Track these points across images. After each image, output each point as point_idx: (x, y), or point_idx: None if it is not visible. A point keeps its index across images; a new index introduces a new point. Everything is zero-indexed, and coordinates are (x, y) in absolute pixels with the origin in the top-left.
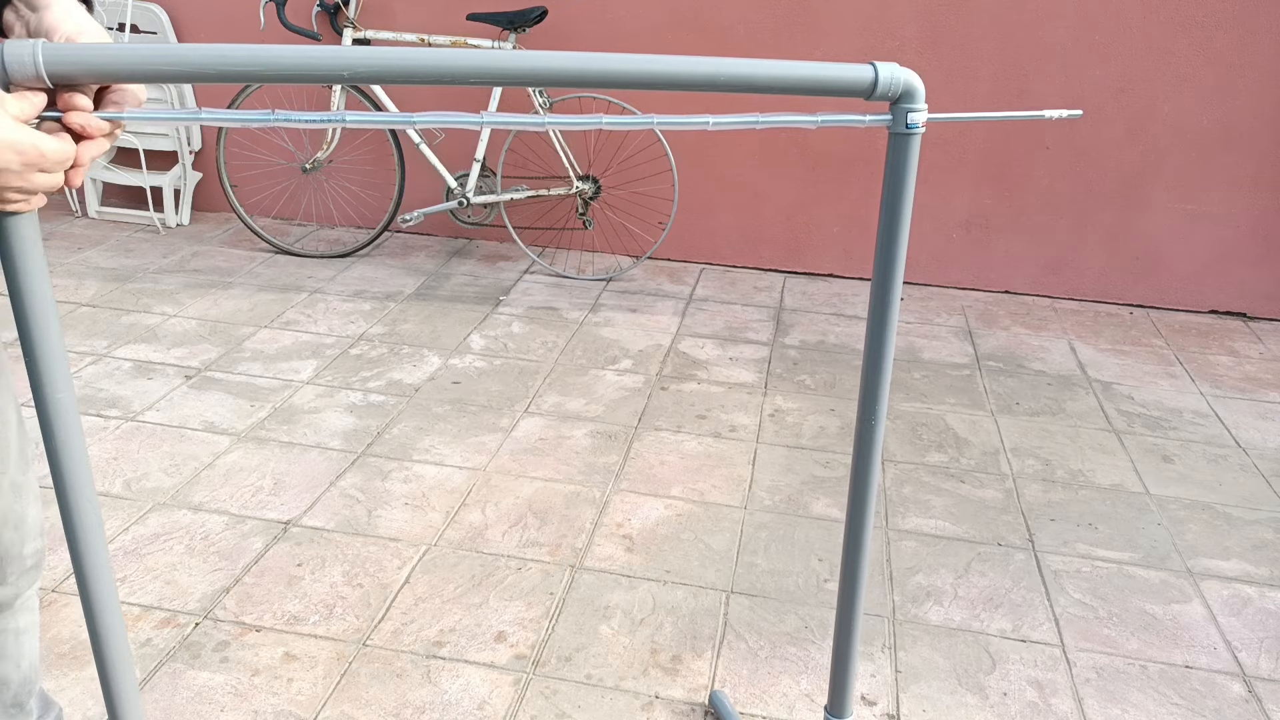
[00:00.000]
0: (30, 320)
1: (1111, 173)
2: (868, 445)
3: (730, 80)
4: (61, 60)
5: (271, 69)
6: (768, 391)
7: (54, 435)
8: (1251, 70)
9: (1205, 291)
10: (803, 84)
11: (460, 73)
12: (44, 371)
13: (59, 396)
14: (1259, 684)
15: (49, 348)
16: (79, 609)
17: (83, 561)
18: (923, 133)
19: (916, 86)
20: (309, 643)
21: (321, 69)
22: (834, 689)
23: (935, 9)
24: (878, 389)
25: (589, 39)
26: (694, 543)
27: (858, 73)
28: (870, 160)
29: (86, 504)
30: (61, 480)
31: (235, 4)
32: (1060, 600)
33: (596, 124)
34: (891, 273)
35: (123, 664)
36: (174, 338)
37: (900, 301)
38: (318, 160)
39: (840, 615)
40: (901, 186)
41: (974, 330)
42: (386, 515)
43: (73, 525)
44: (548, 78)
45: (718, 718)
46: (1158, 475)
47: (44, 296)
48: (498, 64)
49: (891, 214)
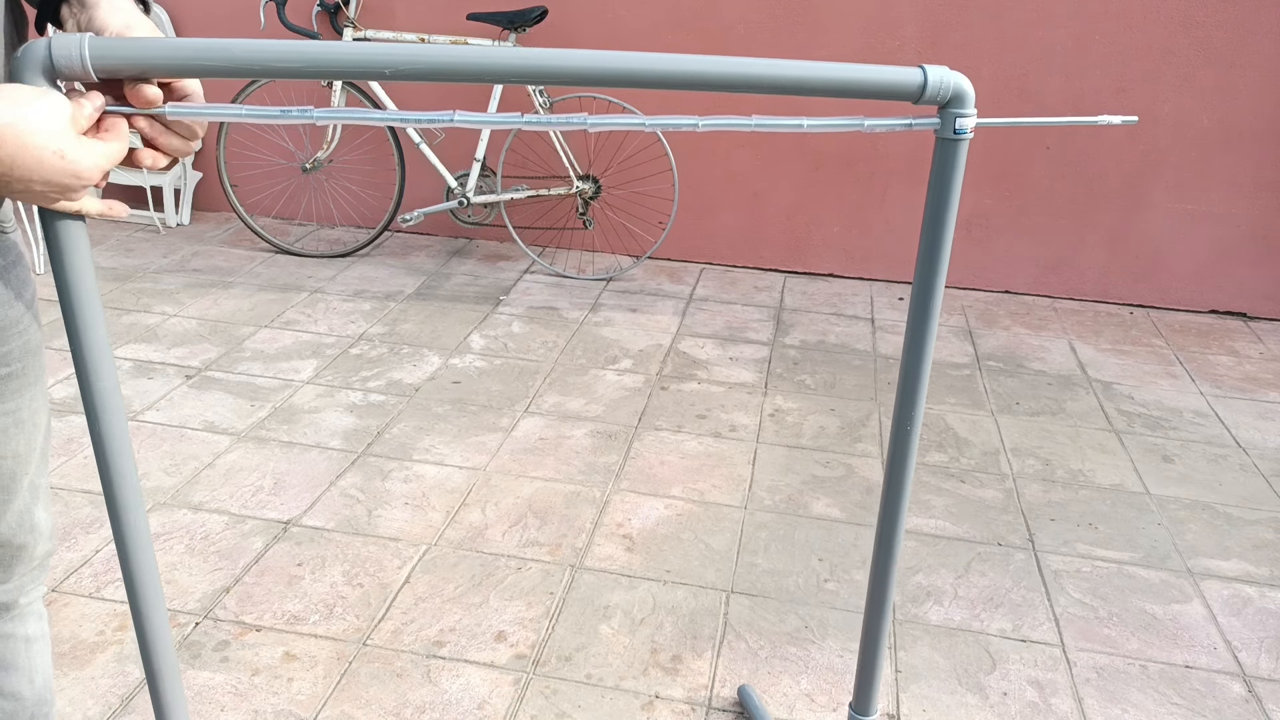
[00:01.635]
0: (76, 316)
1: (1111, 173)
2: (903, 448)
3: (772, 82)
4: (107, 54)
5: (313, 64)
6: (768, 391)
7: (98, 420)
8: (1251, 70)
9: (1205, 291)
10: (850, 87)
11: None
12: (89, 360)
13: (102, 385)
14: (1259, 684)
15: (93, 338)
16: (79, 609)
17: (125, 539)
18: (971, 138)
19: (966, 91)
20: (309, 642)
21: (365, 65)
22: (859, 686)
23: (936, 9)
24: (915, 393)
25: (589, 38)
26: (694, 542)
27: (906, 76)
28: (870, 160)
29: (129, 489)
30: (106, 466)
31: (236, 3)
32: (1060, 600)
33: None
34: (934, 276)
35: (164, 645)
36: (174, 337)
37: (900, 301)
38: (318, 160)
39: (869, 612)
40: (948, 191)
41: (974, 330)
42: (387, 515)
43: (117, 509)
44: (563, 75)
45: (745, 712)
46: (1158, 475)
47: (90, 290)
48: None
49: (937, 218)
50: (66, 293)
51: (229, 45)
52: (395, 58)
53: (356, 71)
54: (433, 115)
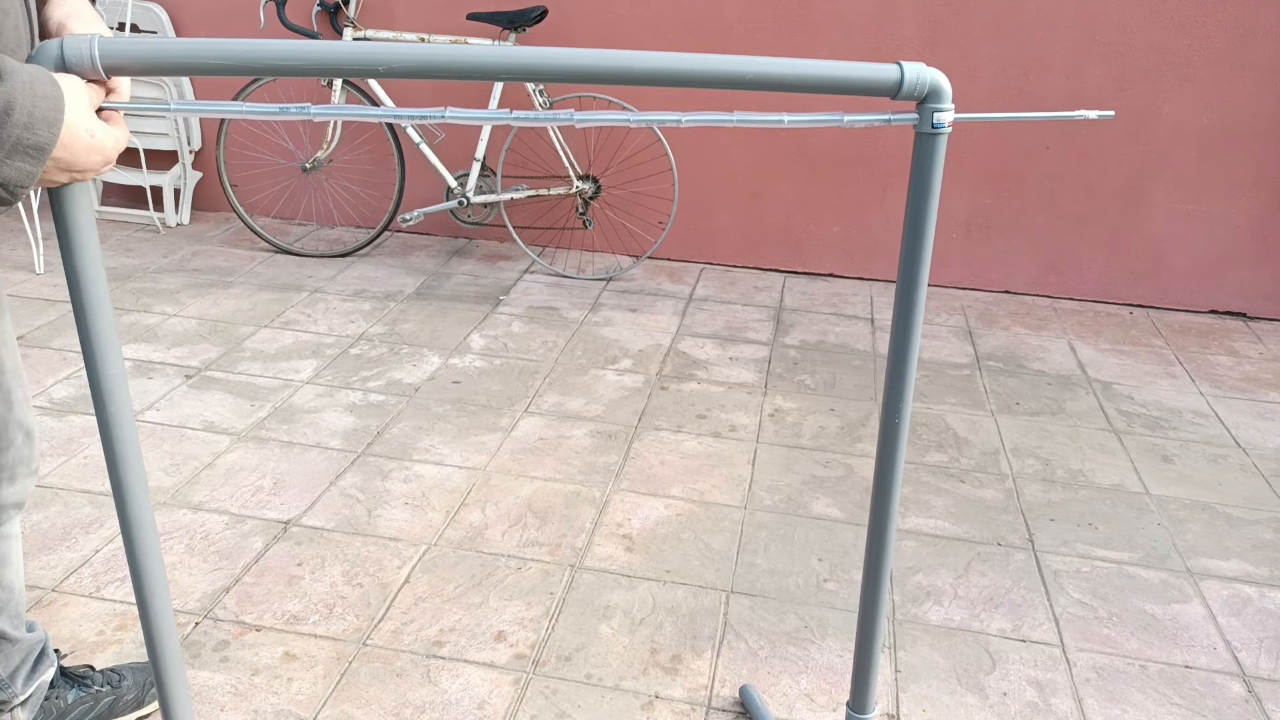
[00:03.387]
0: (85, 300)
1: (1111, 173)
2: (892, 441)
3: (755, 79)
4: (116, 54)
5: (316, 64)
6: (768, 391)
7: (105, 409)
8: (1251, 70)
9: (1205, 291)
10: (828, 83)
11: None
12: (97, 347)
13: (111, 372)
14: (1259, 684)
15: (101, 326)
16: (79, 609)
17: (131, 530)
18: (949, 132)
19: (943, 86)
20: (309, 642)
21: (365, 63)
22: (856, 684)
23: (935, 9)
24: (903, 387)
25: (589, 38)
26: (694, 542)
27: (883, 72)
28: (870, 160)
29: (137, 484)
30: (113, 454)
31: (235, 3)
32: (1060, 600)
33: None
34: (917, 271)
35: (169, 639)
36: (174, 337)
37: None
38: (318, 160)
39: (863, 609)
40: (928, 186)
41: (974, 330)
42: (386, 515)
43: (124, 505)
44: (557, 73)
45: (747, 713)
46: (1158, 475)
47: (98, 280)
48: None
49: (918, 213)
50: (76, 284)
51: (233, 45)
52: (394, 57)
53: (357, 70)
54: (425, 112)
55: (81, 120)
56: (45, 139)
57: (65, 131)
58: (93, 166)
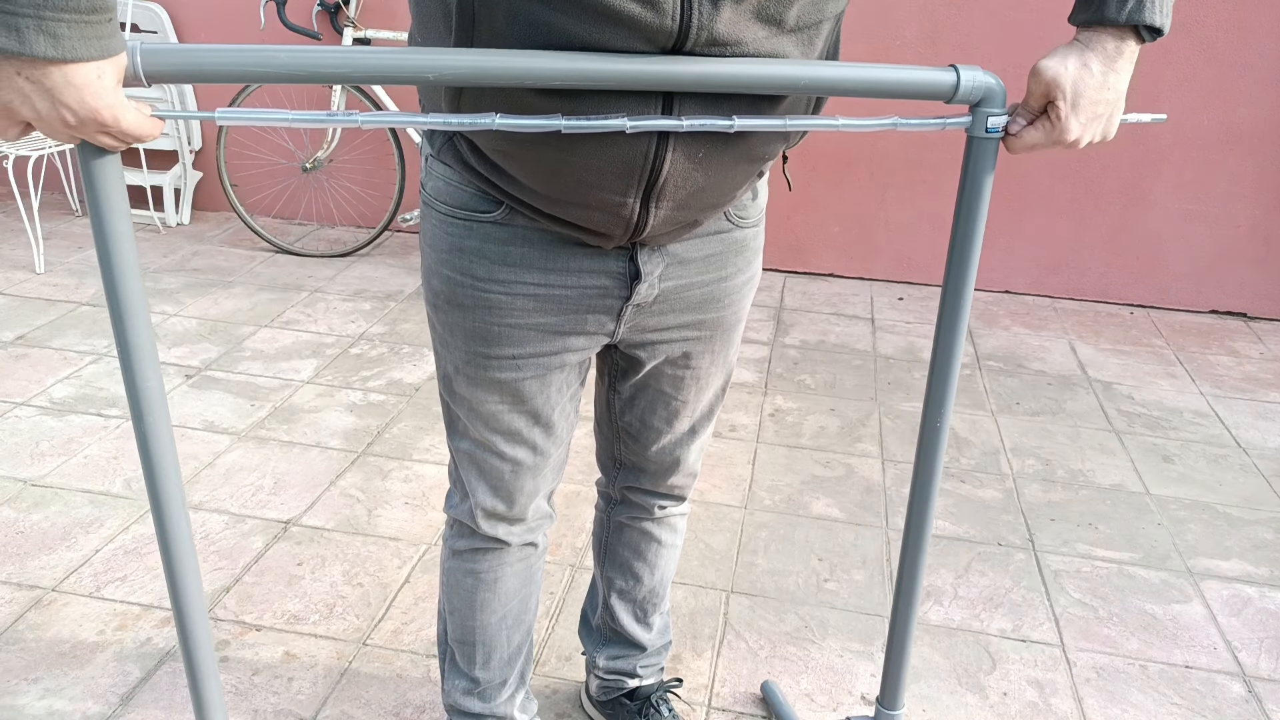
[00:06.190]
0: (116, 281)
1: (1111, 173)
2: (933, 443)
3: (811, 83)
4: (158, 62)
5: (344, 70)
6: (768, 391)
7: (144, 419)
8: (1251, 70)
9: (1205, 291)
10: (884, 87)
11: (528, 75)
12: (135, 360)
13: (149, 385)
14: (1259, 684)
15: (135, 318)
16: (79, 609)
17: (169, 541)
18: (1001, 137)
19: (996, 90)
20: (309, 642)
21: (406, 70)
22: (886, 682)
23: (936, 9)
24: (945, 391)
25: None
26: (694, 542)
27: (939, 76)
28: (870, 160)
29: (174, 492)
30: (152, 467)
31: (235, 3)
32: (1060, 600)
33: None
34: (965, 273)
35: (203, 636)
36: (174, 337)
37: (900, 301)
38: (318, 160)
39: (897, 607)
40: (980, 190)
41: (974, 330)
42: (387, 514)
43: (161, 512)
44: (590, 79)
45: (769, 708)
46: (1158, 475)
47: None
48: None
49: (969, 217)
50: (115, 297)
51: (279, 53)
52: (446, 64)
53: (407, 77)
54: (475, 119)
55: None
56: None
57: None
58: (92, 114)
